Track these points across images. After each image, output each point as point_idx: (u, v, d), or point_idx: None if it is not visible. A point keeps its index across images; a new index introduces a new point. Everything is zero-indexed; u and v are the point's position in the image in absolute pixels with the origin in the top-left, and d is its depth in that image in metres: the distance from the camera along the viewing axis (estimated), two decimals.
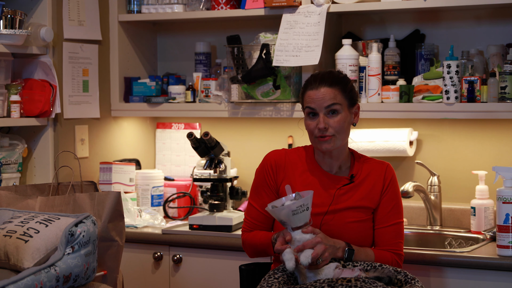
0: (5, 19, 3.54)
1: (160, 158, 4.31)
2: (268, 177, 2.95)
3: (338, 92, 2.85)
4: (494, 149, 3.64)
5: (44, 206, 3.03)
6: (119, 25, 4.08)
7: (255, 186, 2.99)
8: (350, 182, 2.91)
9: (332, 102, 2.84)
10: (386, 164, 2.97)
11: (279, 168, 2.95)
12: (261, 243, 2.92)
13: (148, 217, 3.82)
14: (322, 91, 2.84)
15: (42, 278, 2.50)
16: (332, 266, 2.70)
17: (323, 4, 3.64)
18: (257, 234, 2.95)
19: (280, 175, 2.94)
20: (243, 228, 3.02)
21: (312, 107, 2.85)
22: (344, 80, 2.91)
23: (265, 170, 2.97)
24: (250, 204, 3.00)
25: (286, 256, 2.67)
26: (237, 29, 4.04)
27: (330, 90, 2.85)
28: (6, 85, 3.70)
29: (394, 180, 2.95)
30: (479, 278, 3.10)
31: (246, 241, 2.99)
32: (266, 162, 2.98)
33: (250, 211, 3.00)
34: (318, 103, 2.84)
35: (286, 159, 2.96)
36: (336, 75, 2.90)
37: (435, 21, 3.76)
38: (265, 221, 2.98)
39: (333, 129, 2.84)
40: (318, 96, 2.84)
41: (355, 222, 2.88)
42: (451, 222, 3.69)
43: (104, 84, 4.07)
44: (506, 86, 3.33)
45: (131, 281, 3.67)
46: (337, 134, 2.85)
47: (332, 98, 2.84)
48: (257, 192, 2.98)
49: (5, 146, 3.69)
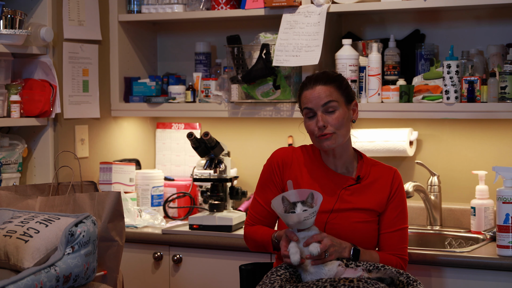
0: (5, 19, 3.54)
1: (160, 158, 4.31)
2: (274, 174, 2.97)
3: (333, 90, 2.86)
4: (494, 149, 3.64)
5: (44, 206, 3.03)
6: (119, 25, 4.08)
7: (261, 182, 3.01)
8: (356, 183, 2.91)
9: (329, 100, 2.84)
10: (394, 170, 2.98)
11: (285, 165, 2.96)
12: (261, 239, 2.93)
13: (148, 217, 3.82)
14: (318, 90, 2.85)
15: (42, 278, 2.50)
16: (336, 263, 2.72)
17: (323, 4, 3.64)
18: (258, 230, 2.97)
19: (286, 172, 2.95)
20: (246, 221, 3.05)
21: (310, 107, 2.86)
22: (339, 78, 2.92)
23: (271, 167, 2.98)
24: (255, 199, 3.02)
25: (292, 250, 2.69)
26: (237, 29, 4.04)
27: (325, 88, 2.86)
28: (6, 85, 3.70)
29: (401, 186, 2.96)
30: (479, 278, 3.10)
31: (248, 235, 3.02)
32: (273, 159, 2.99)
33: (255, 206, 3.02)
34: (315, 102, 2.85)
35: (293, 156, 2.98)
36: (330, 74, 2.92)
37: (435, 21, 3.76)
38: (268, 216, 3.00)
39: (333, 126, 2.84)
40: (314, 95, 2.85)
41: (360, 223, 2.89)
42: (451, 222, 3.69)
43: (104, 84, 4.07)
44: (506, 86, 3.33)
45: (131, 281, 3.67)
46: (337, 130, 2.85)
47: (328, 95, 2.85)
48: (262, 188, 3.00)
49: (5, 146, 3.69)
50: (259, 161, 3.03)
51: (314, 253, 2.67)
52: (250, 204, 3.07)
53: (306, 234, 2.72)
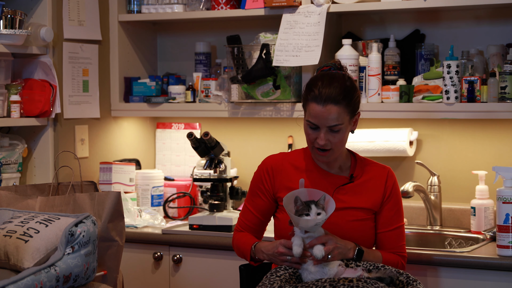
0: (5, 19, 3.54)
1: (160, 158, 4.31)
2: (264, 183, 2.96)
3: (342, 110, 2.78)
4: (494, 149, 3.64)
5: (44, 206, 3.03)
6: (119, 25, 4.08)
7: (252, 189, 3.01)
8: (350, 182, 2.91)
9: (335, 123, 2.79)
10: (388, 169, 2.97)
11: (276, 172, 2.95)
12: (243, 247, 2.96)
13: (148, 217, 3.82)
14: (328, 109, 2.77)
15: (42, 278, 2.50)
16: (336, 263, 2.72)
17: (323, 4, 3.64)
18: (243, 237, 2.98)
19: (277, 180, 2.94)
20: (236, 227, 3.06)
21: (314, 122, 2.80)
22: (350, 92, 2.81)
23: (261, 175, 2.97)
24: (246, 206, 3.02)
25: (296, 242, 2.69)
26: (237, 29, 4.04)
27: (335, 109, 2.77)
28: (6, 85, 3.70)
29: (395, 185, 2.96)
30: (479, 278, 3.10)
31: (234, 240, 3.03)
32: (263, 167, 2.98)
33: (245, 212, 3.02)
34: (322, 121, 2.79)
35: (283, 162, 2.96)
36: (343, 87, 2.80)
37: (435, 21, 3.76)
38: (258, 223, 3.01)
39: (333, 145, 2.82)
40: (323, 115, 2.78)
41: (357, 221, 2.89)
42: (451, 222, 3.69)
43: (104, 84, 4.07)
44: (506, 86, 3.33)
45: (131, 281, 3.67)
46: (335, 148, 2.84)
47: (336, 118, 2.78)
48: (252, 196, 3.00)
49: (5, 146, 3.69)
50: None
51: (318, 256, 2.66)
52: (241, 211, 3.07)
53: (311, 235, 2.71)
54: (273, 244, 2.81)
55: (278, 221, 2.96)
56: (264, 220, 3.00)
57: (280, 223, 2.94)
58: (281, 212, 2.94)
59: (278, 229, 2.95)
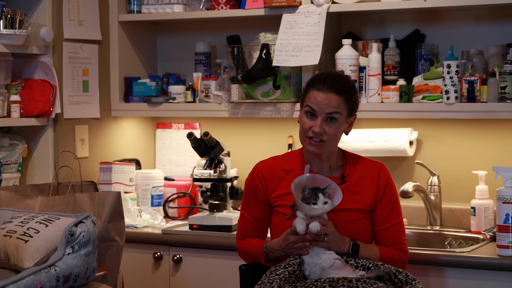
0: (5, 19, 3.54)
1: (160, 158, 4.31)
2: (257, 189, 2.96)
3: (342, 101, 2.82)
4: (494, 149, 3.64)
5: (44, 206, 3.03)
6: (119, 25, 4.08)
7: (246, 197, 3.01)
8: (342, 182, 2.90)
9: (335, 111, 2.81)
10: (380, 165, 2.95)
11: (267, 178, 2.95)
12: (253, 252, 2.96)
13: (148, 217, 3.82)
14: (329, 97, 2.81)
15: (42, 278, 2.50)
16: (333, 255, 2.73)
17: (323, 4, 3.64)
18: (249, 242, 2.99)
19: (269, 185, 2.94)
20: (237, 236, 3.06)
21: (314, 108, 2.82)
22: (352, 90, 2.87)
23: (253, 182, 2.97)
24: (243, 215, 3.03)
25: (299, 220, 2.72)
26: (237, 29, 4.04)
27: (336, 98, 2.81)
28: (6, 85, 3.70)
29: (389, 181, 2.94)
30: (479, 278, 3.10)
31: (240, 248, 3.03)
32: (254, 174, 2.98)
33: (243, 221, 3.03)
34: (321, 107, 2.81)
35: (275, 167, 2.96)
36: (345, 83, 2.86)
37: (435, 21, 3.76)
38: (258, 230, 3.01)
39: (327, 136, 2.83)
40: (323, 100, 2.81)
41: (352, 221, 2.88)
42: (451, 222, 3.69)
43: (104, 84, 4.07)
44: (506, 86, 3.33)
45: (131, 281, 3.67)
46: (328, 141, 2.84)
47: (336, 106, 2.81)
48: (247, 203, 3.00)
49: (5, 146, 3.69)
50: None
51: (313, 230, 2.69)
52: (238, 219, 3.07)
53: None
54: (281, 238, 2.81)
55: (273, 226, 2.97)
56: (263, 225, 3.01)
57: (275, 227, 2.95)
58: (276, 216, 2.95)
59: (273, 234, 2.96)
